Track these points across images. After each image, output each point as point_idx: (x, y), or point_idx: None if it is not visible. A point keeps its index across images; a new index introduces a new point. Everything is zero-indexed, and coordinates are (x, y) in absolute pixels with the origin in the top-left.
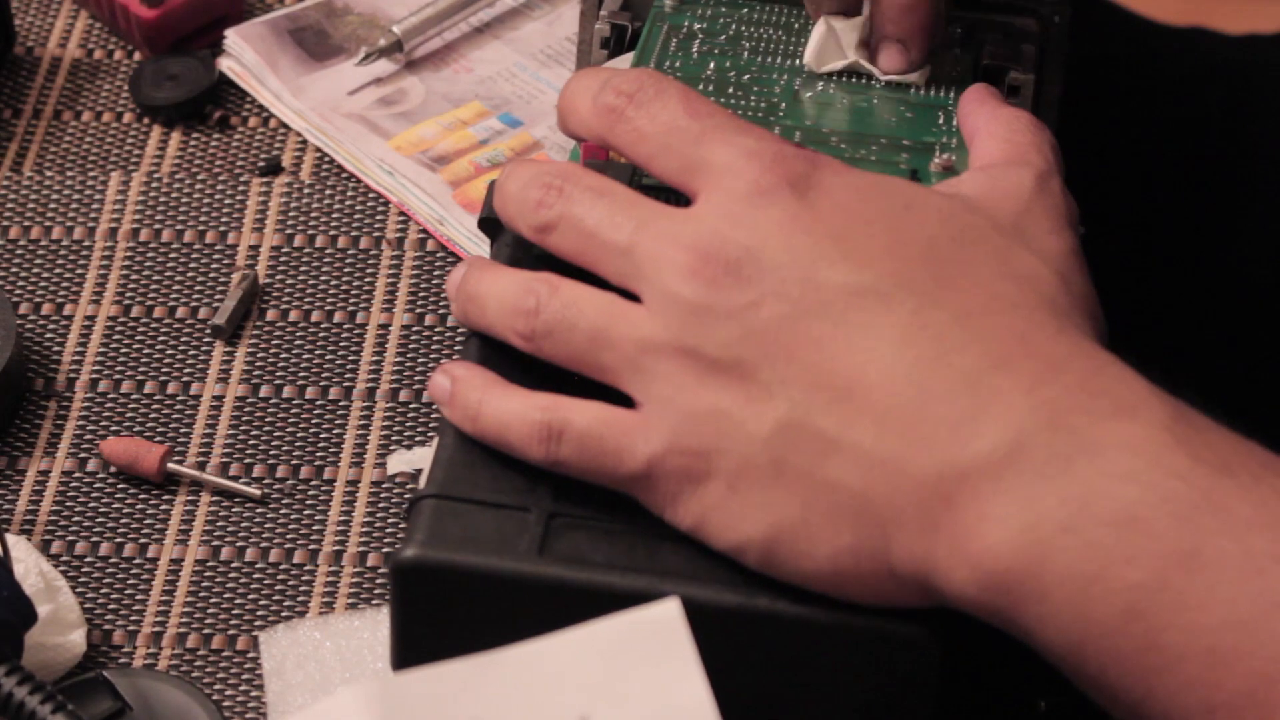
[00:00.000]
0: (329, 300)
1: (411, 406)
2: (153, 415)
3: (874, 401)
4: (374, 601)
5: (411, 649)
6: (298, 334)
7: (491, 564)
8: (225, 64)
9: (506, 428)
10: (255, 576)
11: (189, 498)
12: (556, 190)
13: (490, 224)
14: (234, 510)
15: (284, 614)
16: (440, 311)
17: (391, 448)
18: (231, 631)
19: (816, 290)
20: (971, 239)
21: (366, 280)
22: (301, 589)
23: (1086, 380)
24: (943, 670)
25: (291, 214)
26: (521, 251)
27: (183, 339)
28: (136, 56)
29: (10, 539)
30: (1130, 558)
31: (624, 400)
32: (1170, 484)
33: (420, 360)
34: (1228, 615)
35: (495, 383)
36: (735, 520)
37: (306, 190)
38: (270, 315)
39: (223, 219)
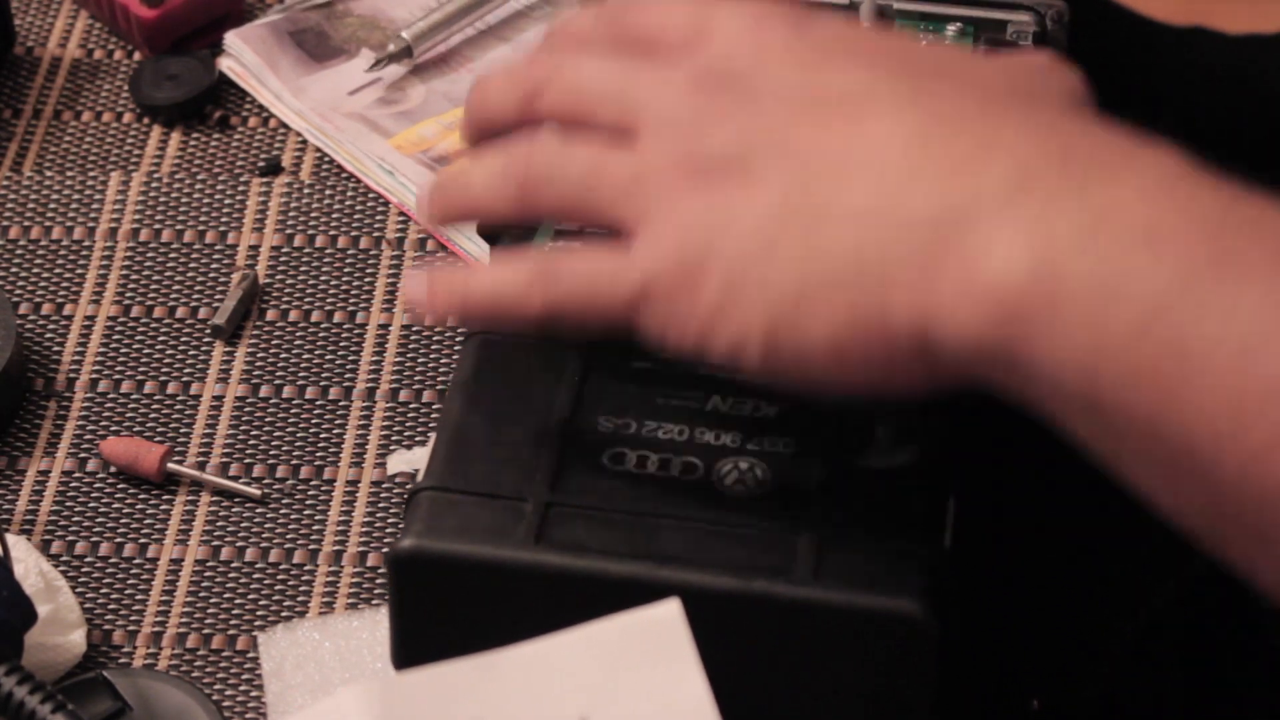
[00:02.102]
0: (329, 300)
1: (411, 406)
2: (153, 415)
3: (871, 165)
4: (374, 601)
5: (411, 641)
6: (298, 334)
7: (488, 553)
8: (225, 64)
9: (499, 289)
10: (255, 576)
11: (189, 498)
12: (543, 62)
13: (490, 232)
14: (234, 510)
15: (284, 614)
16: None
17: (391, 448)
18: (231, 631)
19: (816, 90)
20: (952, 59)
21: (366, 280)
22: (301, 589)
23: (1087, 128)
24: (941, 650)
25: (291, 214)
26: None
27: (183, 339)
28: (136, 56)
29: (10, 539)
30: (1153, 266)
31: None
32: (1193, 200)
33: (420, 360)
34: (1259, 309)
35: (477, 266)
36: (733, 321)
37: (306, 190)
38: (270, 315)
39: (223, 219)
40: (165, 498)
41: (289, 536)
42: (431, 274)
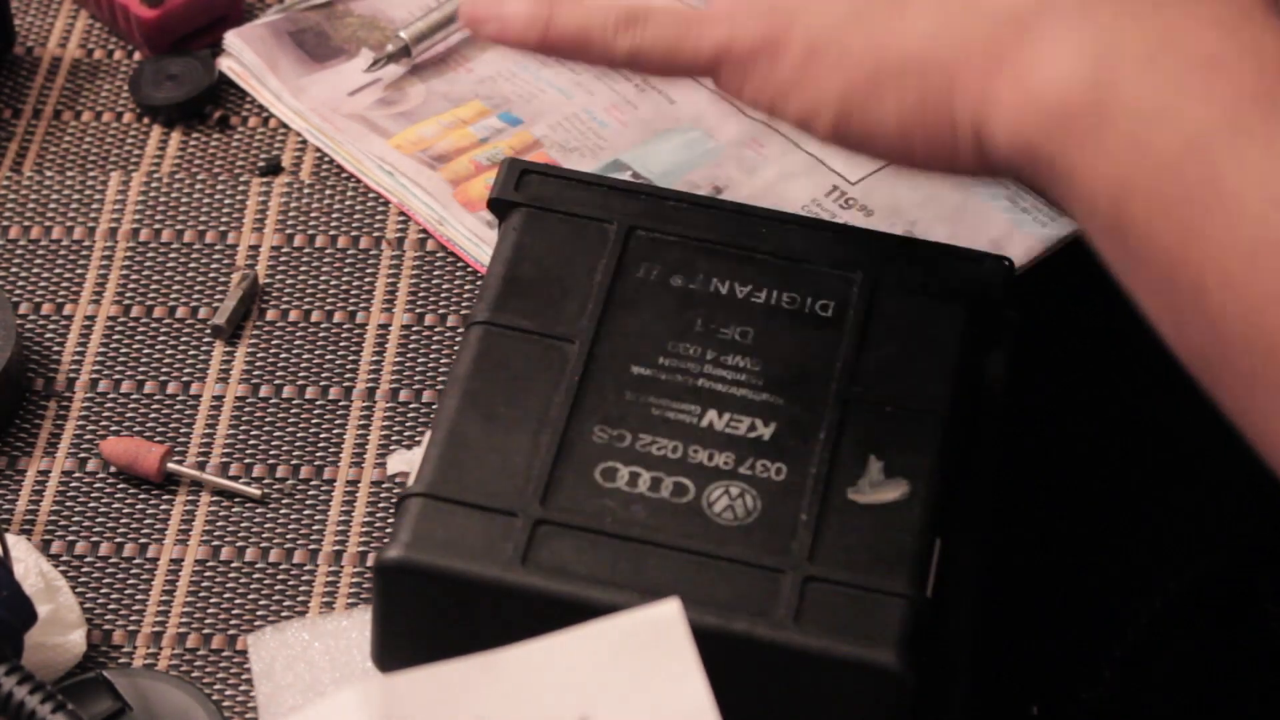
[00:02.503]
0: (329, 300)
1: (411, 406)
2: (153, 415)
3: None
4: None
5: (393, 645)
6: (298, 334)
7: (474, 570)
8: (225, 64)
9: (588, 24)
10: (255, 576)
11: (189, 498)
12: None
13: (499, 205)
14: (234, 510)
15: (284, 614)
16: (440, 311)
17: (391, 448)
18: (231, 631)
19: None
20: None
21: (366, 280)
22: (301, 589)
23: None
24: (916, 704)
25: (291, 214)
26: (530, 236)
27: (183, 339)
28: (136, 56)
29: (10, 539)
30: (1204, 95)
31: None
32: (1259, 36)
33: (420, 360)
34: None
35: None
36: (809, 88)
37: (306, 190)
38: (270, 315)
39: (223, 219)
40: (165, 498)
41: (289, 536)
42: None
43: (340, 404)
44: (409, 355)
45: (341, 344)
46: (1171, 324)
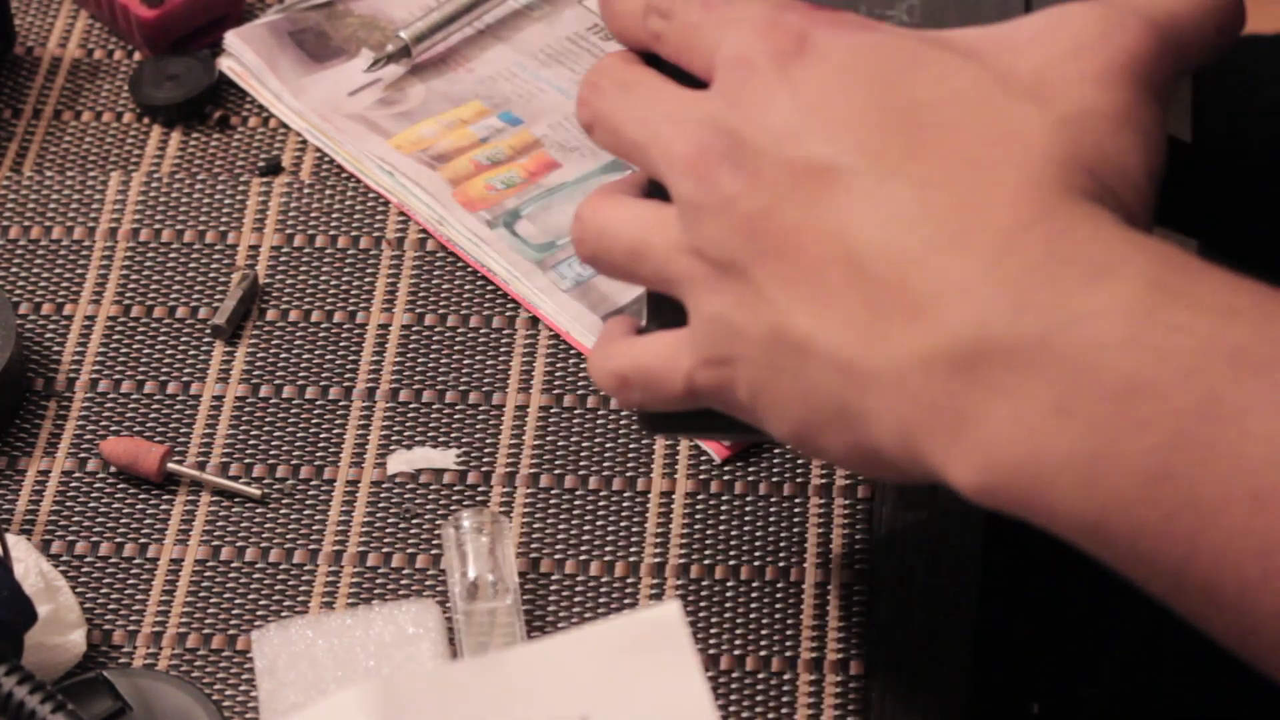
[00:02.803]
0: (329, 300)
1: (411, 406)
2: (153, 415)
3: (838, 294)
4: (373, 601)
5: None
6: (298, 334)
7: None
8: (225, 64)
9: (598, 379)
10: (255, 576)
11: (189, 498)
12: (593, 87)
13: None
14: (234, 510)
15: (284, 614)
16: (440, 311)
17: (391, 448)
18: (231, 631)
19: (788, 173)
20: (965, 98)
21: (366, 280)
22: (301, 589)
23: (1053, 246)
24: None
25: (291, 214)
26: None
27: (183, 339)
28: (136, 56)
29: (10, 539)
30: (1140, 424)
31: None
32: (1170, 341)
33: (420, 360)
34: (1267, 453)
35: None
36: (768, 421)
37: (306, 190)
38: (270, 315)
39: (223, 219)
40: (165, 498)
41: (289, 536)
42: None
43: (340, 404)
44: (409, 355)
45: (341, 344)
46: (1202, 622)
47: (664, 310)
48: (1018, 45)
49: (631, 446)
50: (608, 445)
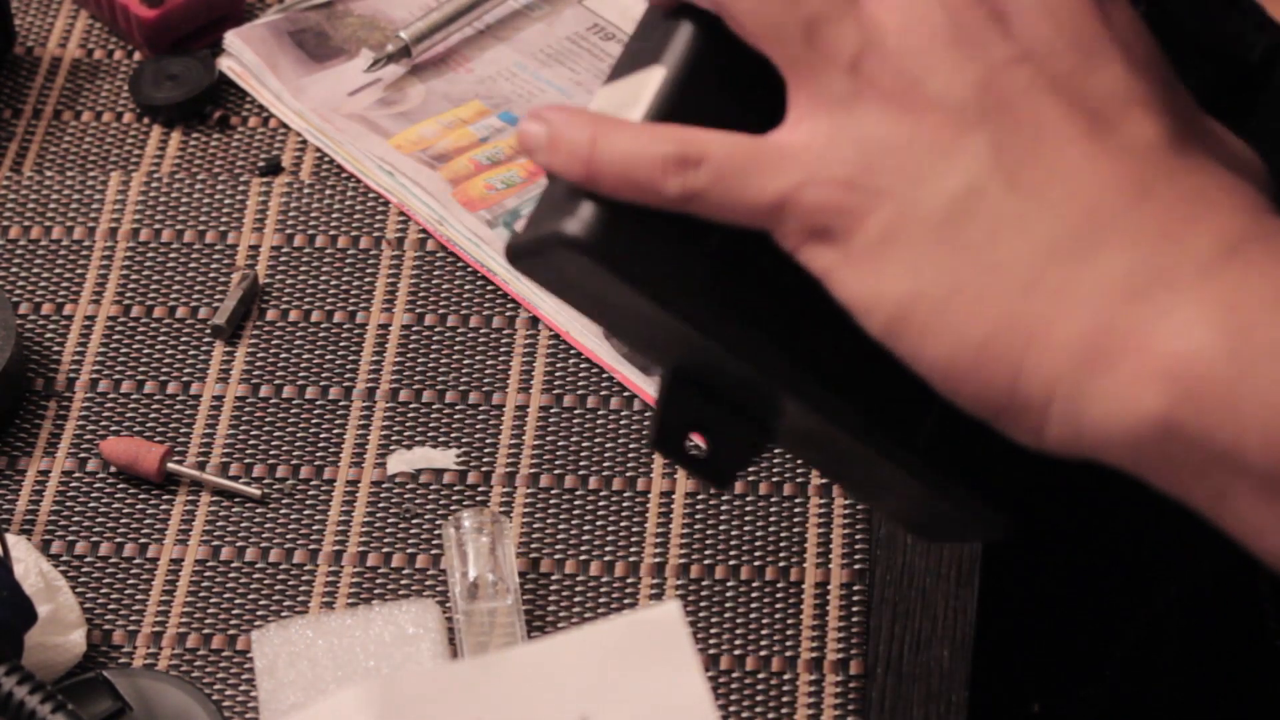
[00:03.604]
0: (329, 300)
1: (411, 406)
2: (153, 415)
3: (1078, 196)
4: (373, 601)
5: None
6: (298, 334)
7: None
8: (225, 64)
9: (632, 163)
10: (255, 576)
11: (189, 498)
12: None
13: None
14: (234, 510)
15: (284, 614)
16: (440, 311)
17: (391, 448)
18: (231, 631)
19: (1071, 80)
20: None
21: (366, 280)
22: (301, 589)
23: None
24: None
25: (291, 214)
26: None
27: (183, 339)
28: (136, 56)
29: (10, 539)
30: None
31: None
32: None
33: (420, 360)
34: None
35: (606, 118)
36: (873, 274)
37: (306, 190)
38: (270, 315)
39: (223, 219)
40: (165, 498)
41: (289, 536)
42: (558, 116)
43: (340, 404)
44: (409, 355)
45: (341, 344)
46: None
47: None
48: None
49: (631, 446)
50: (608, 445)
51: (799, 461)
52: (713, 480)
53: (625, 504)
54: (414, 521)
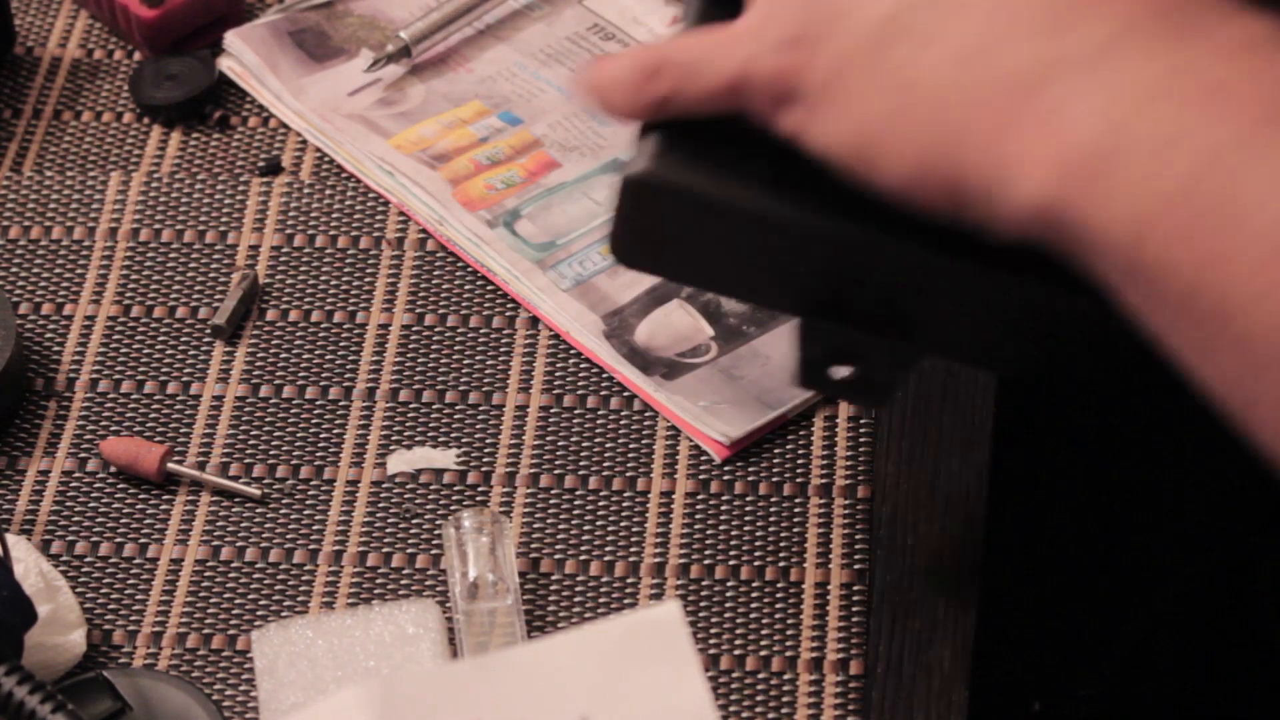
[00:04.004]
0: (329, 300)
1: (411, 406)
2: (153, 415)
3: (982, 2)
4: (373, 601)
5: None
6: (298, 334)
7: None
8: (225, 64)
9: (618, 88)
10: (255, 576)
11: (189, 498)
12: None
13: None
14: (234, 510)
15: (284, 614)
16: (440, 311)
17: (391, 448)
18: (231, 631)
19: None
20: None
21: (366, 280)
22: (301, 589)
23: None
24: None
25: (291, 214)
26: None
27: (183, 339)
28: (136, 56)
29: (10, 539)
30: (1215, 119)
31: None
32: (1270, 64)
33: (420, 360)
34: None
35: (612, 56)
36: (830, 119)
37: (306, 190)
38: (270, 315)
39: (223, 219)
40: (165, 498)
41: (289, 536)
42: (595, 62)
43: (340, 404)
44: (409, 355)
45: (341, 344)
46: (1198, 358)
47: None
48: None
49: (631, 446)
50: (608, 445)
51: (799, 461)
52: (873, 400)
53: (625, 504)
54: (414, 521)
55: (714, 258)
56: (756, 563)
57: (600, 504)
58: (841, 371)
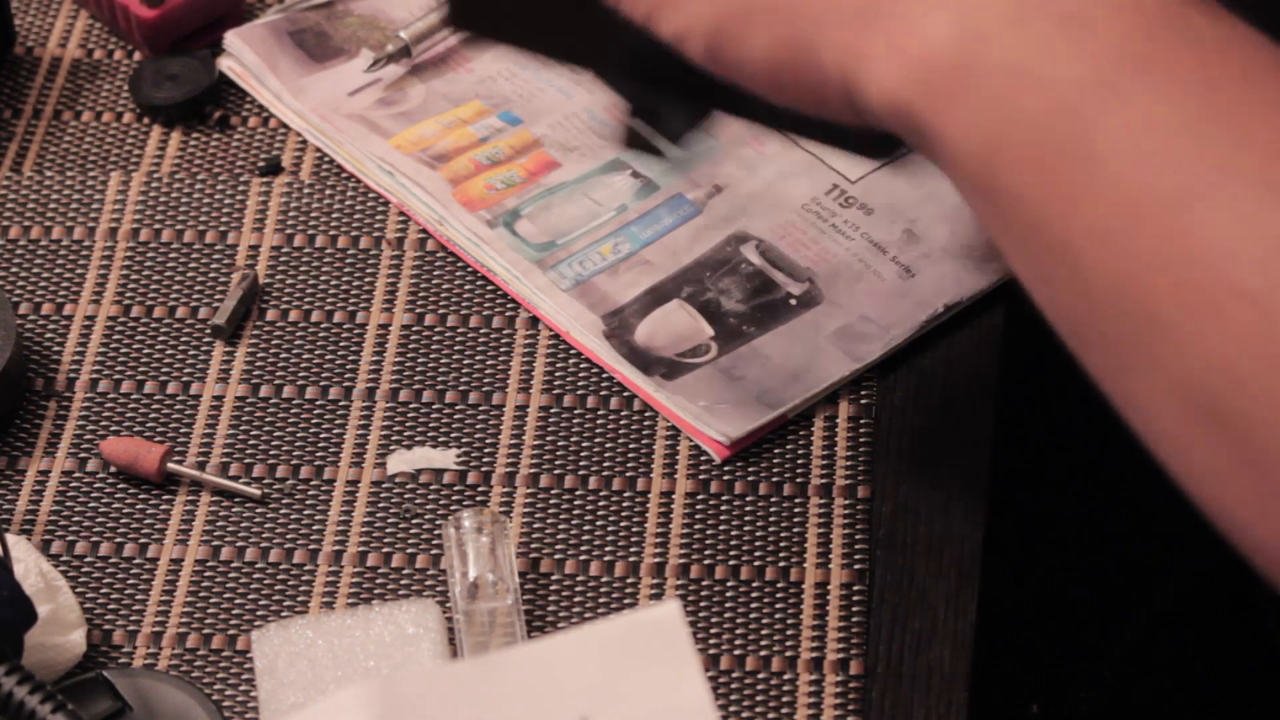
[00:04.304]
0: (329, 300)
1: (411, 406)
2: (153, 415)
3: None
4: (373, 601)
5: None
6: (298, 334)
7: None
8: (225, 64)
9: None
10: (255, 576)
11: (189, 498)
12: None
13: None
14: (234, 510)
15: (284, 614)
16: (440, 311)
17: (391, 448)
18: (231, 631)
19: None
20: None
21: (366, 280)
22: (301, 589)
23: None
24: None
25: (291, 214)
26: None
27: (183, 339)
28: (136, 56)
29: (10, 539)
30: (1073, 53)
31: None
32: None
33: (420, 360)
34: (1166, 118)
35: None
36: (684, 7)
37: (306, 190)
38: (270, 315)
39: (223, 219)
40: (165, 498)
41: (289, 536)
42: None
43: (340, 404)
44: (409, 355)
45: (341, 344)
46: (1044, 290)
47: None
48: None
49: (631, 446)
50: (608, 445)
51: (799, 461)
52: (670, 137)
53: (625, 504)
54: (414, 521)
55: (534, 17)
56: (756, 563)
57: (600, 504)
58: (642, 126)
